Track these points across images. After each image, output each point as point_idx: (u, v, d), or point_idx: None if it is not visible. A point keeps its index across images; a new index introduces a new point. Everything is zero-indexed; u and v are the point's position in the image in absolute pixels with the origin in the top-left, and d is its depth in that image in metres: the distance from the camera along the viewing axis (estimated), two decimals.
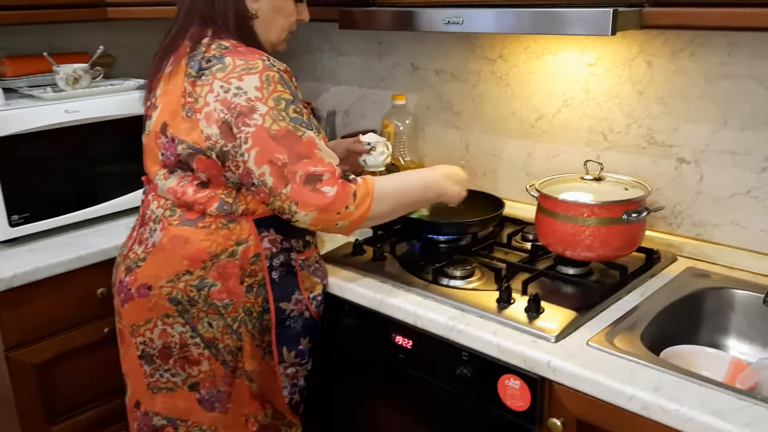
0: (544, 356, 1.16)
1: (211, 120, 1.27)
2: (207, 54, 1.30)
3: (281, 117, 1.25)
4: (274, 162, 1.23)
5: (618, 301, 1.34)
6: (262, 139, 1.23)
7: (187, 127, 1.30)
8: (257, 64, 1.27)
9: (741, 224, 1.48)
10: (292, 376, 1.45)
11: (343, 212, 1.25)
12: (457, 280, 1.42)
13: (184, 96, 1.29)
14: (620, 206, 1.35)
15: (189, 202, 1.34)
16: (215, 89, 1.26)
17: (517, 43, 1.74)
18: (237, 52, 1.30)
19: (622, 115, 1.60)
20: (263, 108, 1.24)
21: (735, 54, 1.41)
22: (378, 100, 2.11)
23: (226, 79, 1.26)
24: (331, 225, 1.27)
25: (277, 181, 1.23)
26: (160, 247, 1.36)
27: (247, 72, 1.26)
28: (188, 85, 1.29)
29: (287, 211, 1.26)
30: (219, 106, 1.26)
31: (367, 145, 1.61)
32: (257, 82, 1.26)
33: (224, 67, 1.27)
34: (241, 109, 1.24)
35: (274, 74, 1.28)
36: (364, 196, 1.27)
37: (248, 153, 1.24)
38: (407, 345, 1.37)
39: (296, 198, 1.24)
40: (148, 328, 1.38)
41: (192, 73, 1.29)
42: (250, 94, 1.25)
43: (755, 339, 1.38)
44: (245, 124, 1.24)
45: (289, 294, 1.40)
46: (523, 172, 1.82)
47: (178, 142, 1.31)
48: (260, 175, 1.24)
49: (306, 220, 1.26)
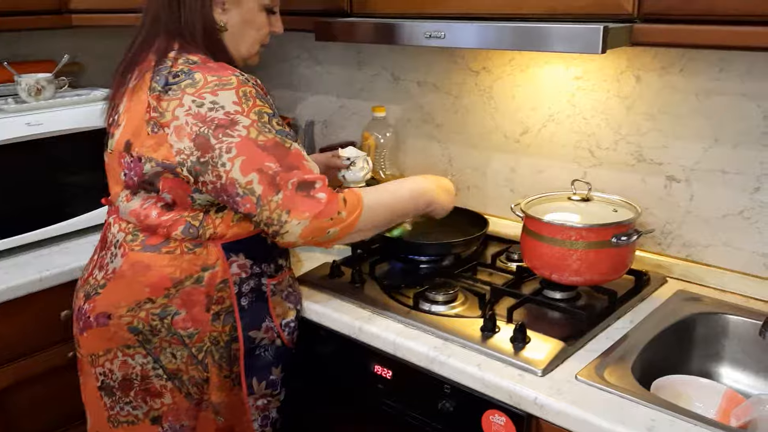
0: (531, 392, 1.09)
1: (182, 134, 1.19)
2: (174, 68, 1.22)
3: (267, 129, 1.19)
4: (264, 170, 1.16)
5: (607, 329, 1.29)
6: (249, 149, 1.16)
7: (153, 143, 1.21)
8: (231, 79, 1.20)
9: (733, 245, 1.43)
10: (263, 408, 1.37)
11: (336, 218, 1.18)
12: (439, 305, 1.35)
13: (148, 111, 1.21)
14: (609, 229, 1.29)
15: (152, 226, 1.26)
16: (186, 103, 1.18)
17: (502, 55, 1.68)
18: (207, 68, 1.22)
19: (609, 131, 1.55)
20: (246, 120, 1.17)
21: (727, 70, 1.36)
22: (358, 110, 2.04)
23: (198, 95, 1.18)
24: (322, 234, 1.18)
25: (268, 189, 1.15)
26: (120, 273, 1.27)
27: (221, 88, 1.19)
28: (152, 100, 1.21)
29: (276, 221, 1.16)
30: (191, 120, 1.18)
31: (346, 160, 1.54)
32: (234, 97, 1.18)
33: (194, 83, 1.19)
34: (220, 122, 1.17)
35: (251, 89, 1.21)
36: (355, 203, 1.21)
37: (232, 162, 1.16)
38: (387, 375, 1.30)
39: (289, 205, 1.15)
40: (108, 358, 1.30)
41: (157, 87, 1.21)
42: (229, 109, 1.17)
43: (749, 366, 1.32)
44: (227, 135, 1.16)
45: (259, 321, 1.33)
46: (507, 187, 1.76)
47: (146, 161, 1.22)
48: (247, 183, 1.16)
49: (297, 230, 1.16)
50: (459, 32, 1.25)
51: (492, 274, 1.52)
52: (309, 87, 2.16)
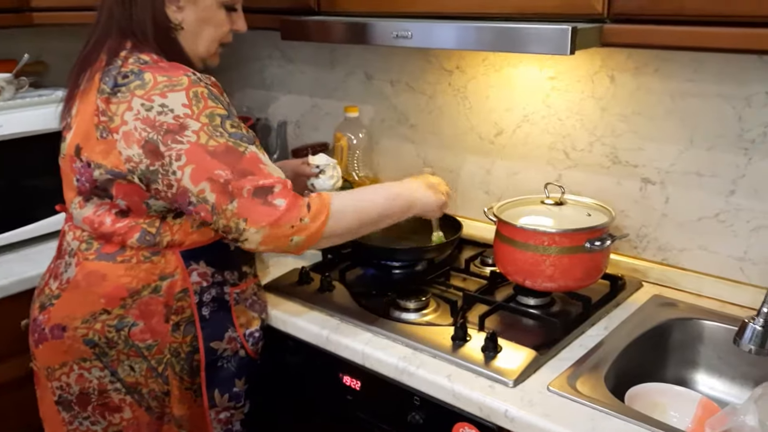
0: (501, 405, 1.06)
1: (130, 140, 1.13)
2: (124, 69, 1.17)
3: (218, 133, 1.13)
4: (215, 179, 1.10)
5: (581, 336, 1.25)
6: (198, 156, 1.11)
7: (102, 149, 1.16)
8: (182, 80, 1.15)
9: (709, 249, 1.40)
10: (226, 422, 1.32)
11: (298, 225, 1.12)
12: (410, 313, 1.32)
13: (97, 115, 1.16)
14: (583, 234, 1.26)
15: (107, 234, 1.21)
16: (134, 107, 1.13)
17: (475, 55, 1.64)
18: (158, 68, 1.16)
19: (584, 133, 1.51)
20: (196, 125, 1.12)
21: (701, 71, 1.33)
22: (331, 110, 2.00)
23: (147, 97, 1.13)
24: (284, 243, 1.13)
25: (221, 197, 1.10)
26: (75, 284, 1.22)
27: (171, 89, 1.13)
28: (101, 103, 1.16)
29: (234, 229, 1.11)
30: (140, 124, 1.12)
31: (315, 168, 1.50)
32: (184, 99, 1.13)
33: (144, 84, 1.14)
34: (169, 126, 1.11)
35: (203, 90, 1.15)
36: (320, 208, 1.15)
37: (182, 171, 1.11)
38: (355, 386, 1.26)
39: (245, 213, 1.10)
40: (64, 372, 1.25)
41: (106, 89, 1.16)
42: (178, 112, 1.12)
43: (724, 373, 1.30)
44: (176, 141, 1.11)
45: (221, 332, 1.28)
46: (482, 190, 1.72)
47: (95, 167, 1.17)
48: (199, 192, 1.11)
49: (256, 238, 1.11)
50: (426, 32, 1.21)
51: (466, 280, 1.48)
52: (281, 87, 2.11)
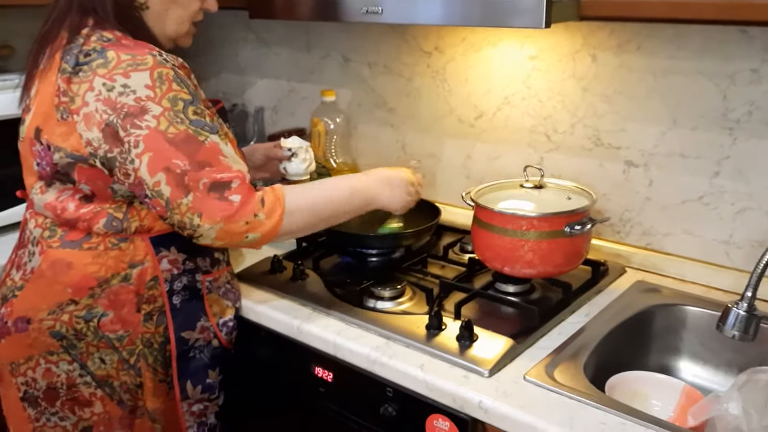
0: (475, 396, 1.02)
1: (91, 122, 1.08)
2: (86, 47, 1.11)
3: (179, 119, 1.08)
4: (172, 169, 1.06)
5: (561, 324, 1.21)
6: (156, 143, 1.06)
7: (63, 131, 1.11)
8: (147, 59, 1.09)
9: (693, 233, 1.36)
10: (200, 414, 1.28)
11: (252, 221, 1.08)
12: (385, 301, 1.27)
13: (58, 95, 1.11)
14: (562, 218, 1.22)
15: (71, 220, 1.16)
16: (96, 87, 1.08)
17: (454, 34, 1.59)
18: (122, 46, 1.11)
19: (566, 114, 1.47)
20: (157, 109, 1.07)
21: (684, 47, 1.28)
22: (308, 95, 1.94)
23: (109, 76, 1.08)
24: (239, 239, 1.09)
25: (176, 191, 1.06)
26: (39, 273, 1.17)
27: (134, 68, 1.08)
28: (62, 83, 1.10)
29: (188, 225, 1.07)
30: (101, 106, 1.07)
31: (287, 151, 1.44)
32: (148, 80, 1.08)
33: (106, 62, 1.09)
34: (130, 109, 1.06)
35: (168, 71, 1.10)
36: (274, 204, 1.11)
37: (139, 159, 1.06)
38: (328, 378, 1.22)
39: (199, 208, 1.06)
40: (30, 366, 1.20)
41: (67, 68, 1.10)
42: (140, 93, 1.07)
43: (708, 360, 1.27)
44: (135, 126, 1.06)
45: (194, 321, 1.23)
46: (462, 174, 1.68)
47: (54, 150, 1.12)
48: (155, 184, 1.06)
49: (210, 234, 1.08)
50: (397, 7, 1.16)
51: (444, 267, 1.44)
52: (257, 70, 2.06)
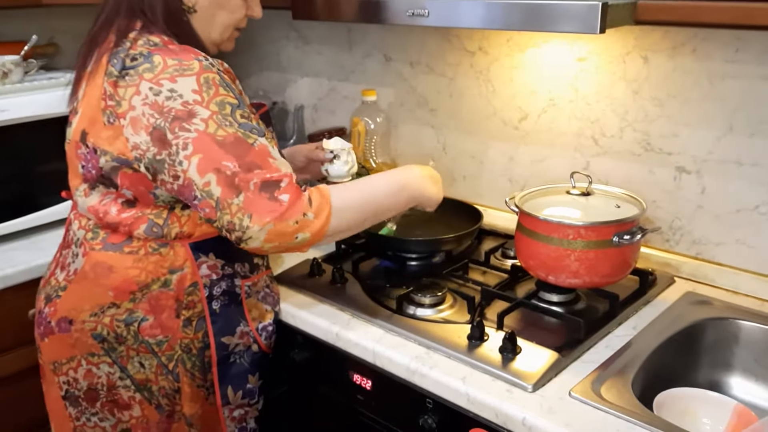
0: (519, 411, 0.99)
1: (138, 126, 1.08)
2: (132, 51, 1.11)
3: (228, 122, 1.07)
4: (222, 170, 1.04)
5: (607, 336, 1.18)
6: (206, 145, 1.05)
7: (109, 135, 1.11)
8: (193, 64, 1.09)
9: (747, 243, 1.31)
10: (240, 419, 1.28)
11: (302, 221, 1.06)
12: (425, 308, 1.25)
13: (105, 99, 1.11)
14: (610, 227, 1.18)
15: (112, 224, 1.16)
16: (143, 91, 1.08)
17: (499, 35, 1.55)
18: (168, 51, 1.10)
19: (615, 118, 1.42)
20: (205, 112, 1.06)
21: (744, 50, 1.23)
22: (349, 94, 1.92)
23: (155, 81, 1.07)
24: (289, 239, 1.06)
25: (227, 191, 1.04)
26: (82, 275, 1.18)
27: (181, 73, 1.07)
28: (109, 86, 1.10)
29: (237, 226, 1.05)
30: (148, 110, 1.07)
31: (329, 153, 1.43)
32: (194, 84, 1.07)
33: (153, 67, 1.08)
34: (177, 113, 1.06)
35: (214, 76, 1.09)
36: (321, 203, 1.08)
37: (188, 160, 1.05)
38: (366, 385, 1.20)
39: (250, 209, 1.04)
40: (72, 366, 1.21)
41: (114, 72, 1.10)
42: (187, 98, 1.06)
43: (762, 377, 1.21)
44: (184, 129, 1.05)
45: (233, 326, 1.23)
46: (505, 177, 1.64)
47: (101, 153, 1.12)
48: (204, 185, 1.05)
49: (260, 235, 1.05)
50: (444, 10, 1.13)
51: (485, 273, 1.41)
52: (298, 69, 2.04)
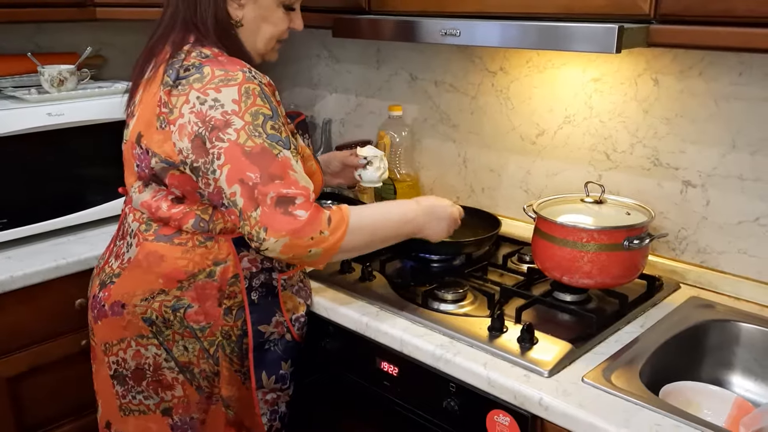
0: (536, 393, 1.09)
1: (183, 133, 1.19)
2: (186, 62, 1.23)
3: (257, 133, 1.16)
4: (245, 181, 1.14)
5: (617, 332, 1.27)
6: (234, 155, 1.15)
7: (160, 138, 1.23)
8: (237, 75, 1.20)
9: (748, 253, 1.40)
10: (272, 402, 1.37)
11: (317, 237, 1.14)
12: (448, 304, 1.35)
13: (159, 106, 1.23)
14: (621, 232, 1.28)
15: (164, 218, 1.28)
16: (191, 100, 1.19)
17: (519, 56, 1.67)
18: (217, 62, 1.22)
19: (626, 134, 1.53)
20: (239, 122, 1.16)
21: (747, 74, 1.34)
22: (375, 109, 2.05)
23: (203, 90, 1.19)
24: (303, 253, 1.15)
25: (248, 203, 1.14)
26: (136, 263, 1.29)
27: (225, 84, 1.19)
28: (164, 95, 1.22)
29: (255, 238, 1.14)
30: (193, 118, 1.18)
31: (363, 159, 1.54)
32: (236, 94, 1.18)
33: (202, 77, 1.20)
34: (216, 123, 1.16)
35: (255, 87, 1.20)
36: (339, 223, 1.17)
37: (220, 170, 1.16)
38: (393, 372, 1.30)
39: (266, 222, 1.12)
40: (122, 347, 1.31)
41: (169, 81, 1.22)
42: (227, 108, 1.17)
43: (761, 376, 1.30)
44: (219, 139, 1.16)
45: (270, 316, 1.33)
46: (521, 189, 1.75)
47: (152, 155, 1.24)
48: (231, 195, 1.15)
49: (276, 247, 1.13)
50: (474, 30, 1.25)
51: (503, 275, 1.51)
52: (328, 85, 2.17)
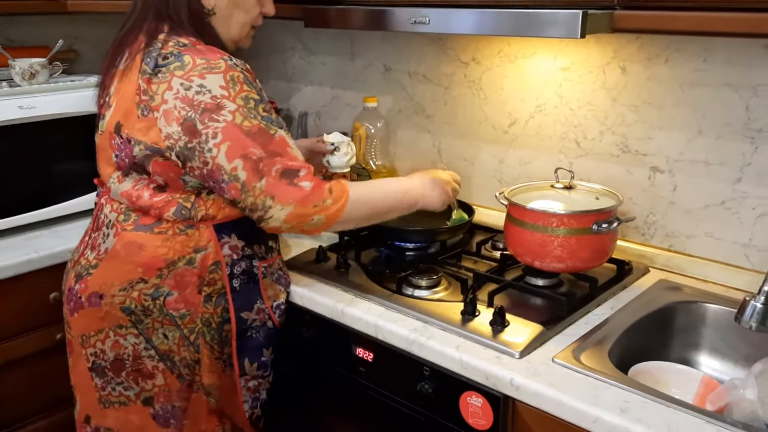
0: (507, 374, 1.11)
1: (170, 118, 1.20)
2: (164, 51, 1.24)
3: (252, 115, 1.20)
4: (249, 156, 1.18)
5: (587, 315, 1.30)
6: (234, 134, 1.18)
7: (143, 126, 1.23)
8: (219, 63, 1.22)
9: (714, 236, 1.44)
10: (254, 390, 1.38)
11: (321, 205, 1.20)
12: (422, 290, 1.37)
13: (139, 94, 1.23)
14: (590, 216, 1.31)
15: (144, 207, 1.28)
16: (174, 86, 1.20)
17: (491, 46, 1.70)
18: (196, 51, 1.23)
19: (595, 122, 1.56)
20: (232, 105, 1.19)
21: (710, 60, 1.37)
22: (350, 101, 2.06)
23: (186, 77, 1.20)
24: (306, 220, 1.21)
25: (252, 175, 1.18)
26: (113, 253, 1.29)
27: (209, 71, 1.20)
28: (143, 83, 1.23)
29: (260, 206, 1.19)
30: (179, 103, 1.19)
31: (330, 145, 1.55)
32: (222, 81, 1.20)
33: (183, 65, 1.21)
34: (207, 105, 1.18)
35: (239, 74, 1.22)
36: (341, 193, 1.23)
37: (217, 148, 1.18)
38: (368, 358, 1.31)
39: (272, 191, 1.18)
40: (100, 338, 1.31)
41: (147, 69, 1.23)
42: (216, 93, 1.19)
43: (727, 355, 1.34)
44: (213, 120, 1.18)
45: (251, 303, 1.34)
46: (495, 178, 1.77)
47: (135, 143, 1.24)
48: (232, 169, 1.18)
49: (281, 215, 1.19)
50: (444, 18, 1.27)
51: (476, 262, 1.53)
52: (303, 78, 2.18)
